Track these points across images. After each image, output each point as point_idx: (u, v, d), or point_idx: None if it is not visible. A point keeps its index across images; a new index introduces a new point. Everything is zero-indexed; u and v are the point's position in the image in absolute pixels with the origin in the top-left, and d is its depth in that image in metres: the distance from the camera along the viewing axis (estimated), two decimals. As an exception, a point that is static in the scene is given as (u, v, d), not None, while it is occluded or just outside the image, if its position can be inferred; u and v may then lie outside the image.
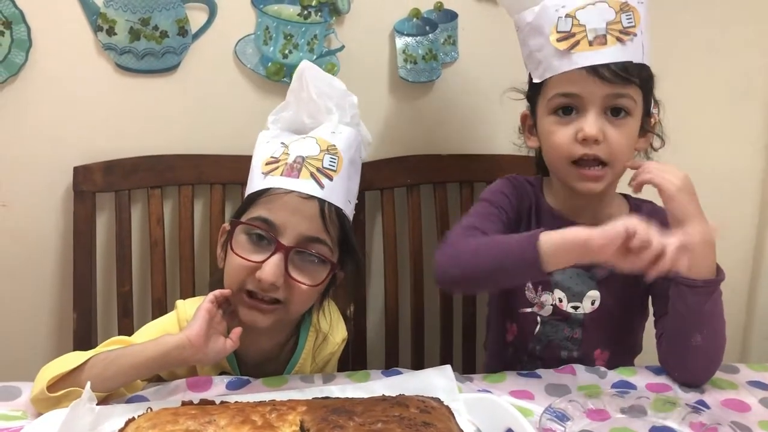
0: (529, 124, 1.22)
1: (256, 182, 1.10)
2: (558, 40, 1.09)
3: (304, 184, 1.05)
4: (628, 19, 1.08)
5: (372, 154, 1.52)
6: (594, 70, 1.07)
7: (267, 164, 1.09)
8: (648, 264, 0.92)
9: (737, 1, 1.59)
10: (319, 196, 1.06)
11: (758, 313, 1.74)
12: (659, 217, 1.08)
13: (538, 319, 1.22)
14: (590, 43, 1.08)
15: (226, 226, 1.12)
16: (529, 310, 1.22)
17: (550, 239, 0.99)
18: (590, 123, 1.08)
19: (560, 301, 1.20)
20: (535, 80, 1.14)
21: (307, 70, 1.14)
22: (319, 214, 1.05)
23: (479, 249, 1.08)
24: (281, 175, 1.07)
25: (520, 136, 1.26)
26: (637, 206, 1.21)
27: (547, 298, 1.21)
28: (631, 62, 1.08)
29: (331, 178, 1.07)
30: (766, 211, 1.70)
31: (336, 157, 1.09)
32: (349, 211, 1.12)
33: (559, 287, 1.20)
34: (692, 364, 1.07)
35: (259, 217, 1.05)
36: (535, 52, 1.13)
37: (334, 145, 1.10)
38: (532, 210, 1.23)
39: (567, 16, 1.09)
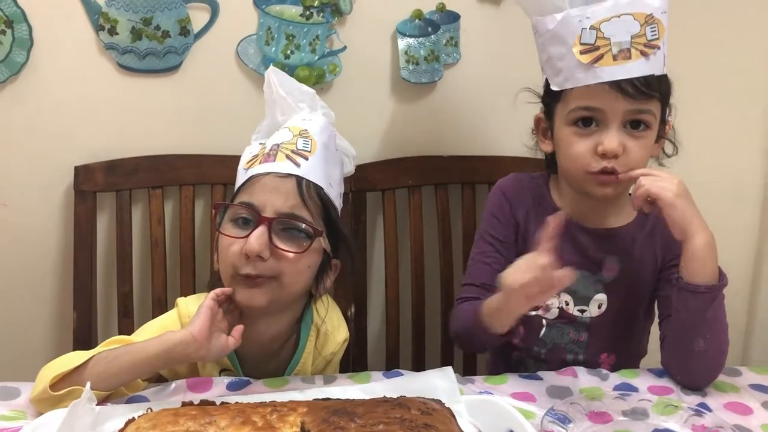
0: (543, 128, 1.21)
1: (239, 179, 1.14)
2: (582, 53, 1.06)
3: (281, 165, 1.08)
4: (652, 31, 1.06)
5: (373, 154, 1.53)
6: (617, 85, 1.06)
7: (248, 162, 1.13)
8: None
9: (740, 6, 1.59)
10: (296, 173, 1.07)
11: (759, 317, 1.74)
12: (663, 220, 1.07)
13: (544, 322, 1.22)
14: (614, 58, 1.05)
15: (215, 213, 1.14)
16: (534, 313, 1.22)
17: (488, 307, 1.07)
18: (611, 138, 1.07)
19: (567, 304, 1.20)
20: (554, 88, 1.12)
21: (272, 74, 1.17)
22: (296, 190, 1.06)
23: (458, 315, 1.20)
24: (260, 164, 1.10)
25: (532, 137, 1.25)
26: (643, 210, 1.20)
27: (554, 302, 1.20)
28: (653, 75, 1.07)
29: (306, 158, 1.09)
30: (767, 215, 1.70)
31: (309, 140, 1.11)
32: (333, 195, 1.12)
33: (566, 290, 1.19)
34: (695, 368, 1.07)
35: (240, 202, 1.07)
36: (556, 60, 1.11)
37: (306, 130, 1.13)
38: (534, 208, 1.23)
39: (591, 27, 1.06)
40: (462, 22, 1.53)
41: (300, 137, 1.11)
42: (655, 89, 1.08)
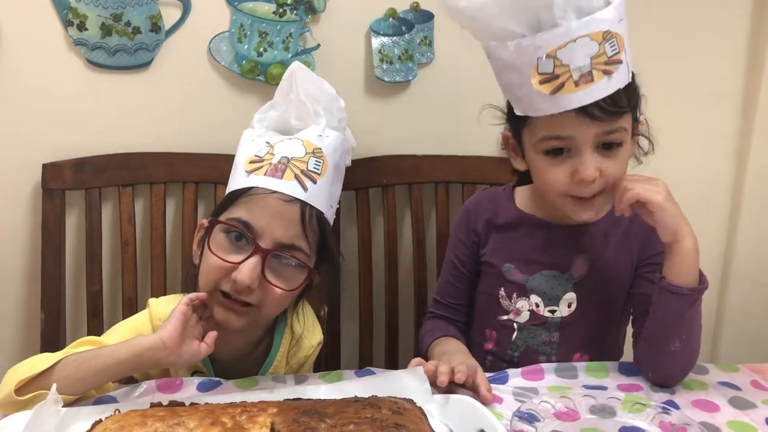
0: (513, 145, 1.18)
1: (238, 180, 1.08)
2: (540, 83, 1.00)
3: (288, 186, 1.04)
4: (612, 47, 1.00)
5: (347, 153, 1.52)
6: (584, 111, 1.01)
7: (251, 163, 1.08)
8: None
9: (709, 5, 1.61)
10: (302, 198, 1.05)
11: (727, 315, 1.76)
12: (639, 218, 1.08)
13: (515, 326, 1.21)
14: (576, 83, 0.99)
15: (204, 222, 1.11)
16: (505, 317, 1.22)
17: (432, 354, 1.18)
18: (586, 165, 1.04)
19: (537, 306, 1.20)
20: (517, 112, 1.08)
21: (297, 71, 1.12)
22: (299, 219, 1.04)
23: (421, 336, 1.28)
24: (265, 174, 1.05)
25: (496, 146, 1.23)
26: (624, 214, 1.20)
27: (524, 304, 1.20)
28: (619, 89, 1.03)
29: (315, 181, 1.06)
30: (736, 214, 1.72)
31: (321, 161, 1.08)
32: (330, 215, 1.11)
33: (535, 292, 1.19)
34: (668, 367, 1.07)
35: (239, 219, 1.03)
36: (515, 88, 1.05)
37: (320, 149, 1.09)
38: (494, 215, 1.24)
39: (548, 56, 0.99)
40: (436, 22, 1.53)
41: (313, 156, 1.08)
42: (623, 105, 1.04)
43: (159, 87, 1.44)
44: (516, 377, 1.10)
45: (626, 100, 1.05)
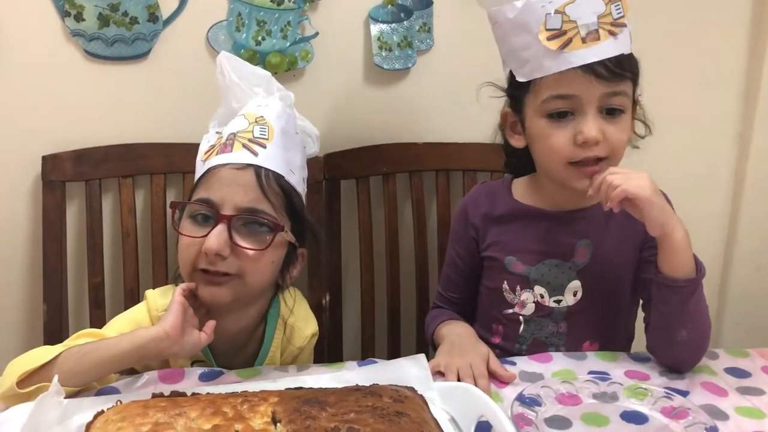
0: (512, 122, 1.17)
1: (198, 172, 1.11)
2: (549, 39, 1.03)
3: (238, 156, 1.05)
4: (617, 9, 1.04)
5: (347, 142, 1.52)
6: (590, 68, 1.03)
7: (205, 153, 1.10)
8: None
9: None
10: (254, 163, 1.05)
11: (730, 300, 1.76)
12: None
13: (521, 318, 1.20)
14: (583, 40, 1.02)
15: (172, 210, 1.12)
16: (510, 311, 1.21)
17: (439, 334, 1.19)
18: (590, 126, 1.04)
19: (541, 297, 1.18)
20: (520, 79, 1.09)
21: (224, 58, 1.14)
22: (256, 182, 1.04)
23: (427, 325, 1.28)
24: (216, 155, 1.07)
25: (500, 133, 1.22)
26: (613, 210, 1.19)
27: (528, 296, 1.19)
28: (623, 54, 1.05)
29: (264, 146, 1.06)
30: (738, 198, 1.72)
31: (266, 127, 1.08)
32: (294, 181, 1.10)
33: (539, 283, 1.18)
34: (680, 355, 1.07)
35: (198, 198, 1.05)
36: (520, 51, 1.07)
37: (262, 116, 1.10)
38: (491, 207, 1.23)
39: (556, 12, 1.03)
40: (435, 8, 1.52)
41: (256, 125, 1.08)
42: (627, 68, 1.06)
43: (157, 77, 1.44)
44: (522, 362, 1.09)
45: (629, 67, 1.07)
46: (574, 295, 1.18)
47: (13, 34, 1.36)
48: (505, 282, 1.21)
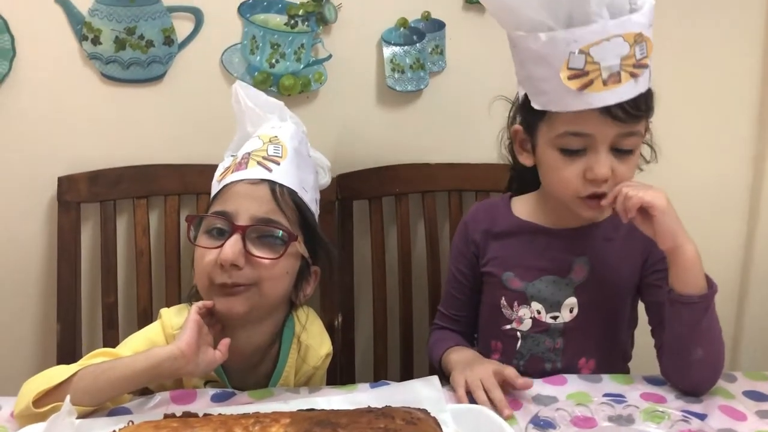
0: (522, 139, 1.18)
1: (213, 191, 1.14)
2: (570, 78, 1.01)
3: (252, 172, 1.07)
4: (641, 51, 1.03)
5: (360, 163, 1.52)
6: (607, 110, 1.03)
7: (221, 174, 1.13)
8: None
9: (726, 13, 1.60)
10: (269, 178, 1.07)
11: (747, 323, 1.74)
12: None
13: (518, 334, 1.20)
14: (604, 83, 1.01)
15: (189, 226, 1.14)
16: (508, 327, 1.21)
17: (444, 363, 1.18)
18: (601, 164, 1.05)
19: (538, 313, 1.19)
20: (536, 107, 1.09)
21: (239, 87, 1.18)
22: (270, 195, 1.06)
23: (430, 348, 1.28)
24: (231, 173, 1.09)
25: (507, 150, 1.23)
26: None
27: (525, 312, 1.19)
28: (641, 94, 1.04)
29: (278, 163, 1.09)
30: (755, 221, 1.70)
31: (279, 146, 1.11)
32: (308, 199, 1.11)
33: (536, 299, 1.18)
34: (696, 376, 1.06)
35: (213, 212, 1.07)
36: (539, 81, 1.06)
37: (276, 136, 1.13)
38: (491, 225, 1.23)
39: (580, 52, 1.00)
40: (447, 30, 1.53)
41: (270, 144, 1.11)
42: (643, 109, 1.06)
43: (172, 99, 1.45)
44: (536, 384, 1.08)
45: (645, 106, 1.07)
46: (571, 311, 1.18)
47: (31, 57, 1.38)
48: (503, 298, 1.21)
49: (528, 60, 1.08)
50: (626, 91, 1.02)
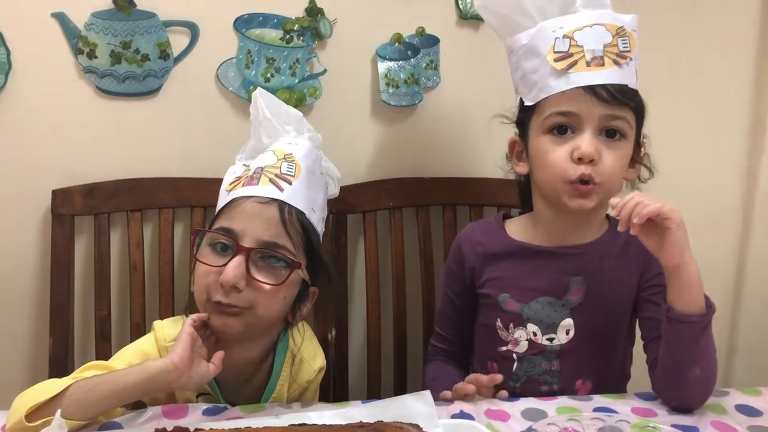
0: (518, 150, 1.20)
1: (221, 201, 1.13)
2: (555, 60, 1.09)
3: (263, 189, 1.07)
4: (624, 43, 1.09)
5: (354, 177, 1.53)
6: (591, 90, 1.07)
7: (230, 183, 1.12)
8: None
9: (718, 27, 1.62)
10: (279, 198, 1.06)
11: (740, 339, 1.74)
12: (636, 239, 1.06)
13: (514, 356, 1.20)
14: (588, 64, 1.08)
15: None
16: (504, 348, 1.21)
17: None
18: (586, 142, 1.08)
19: (534, 335, 1.18)
20: (528, 103, 1.13)
21: (260, 95, 1.18)
22: (278, 218, 1.05)
23: (425, 375, 1.32)
24: (242, 186, 1.09)
25: (507, 162, 1.25)
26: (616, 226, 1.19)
27: (521, 334, 1.19)
28: (627, 86, 1.09)
29: (290, 183, 1.08)
30: (747, 235, 1.71)
31: (293, 164, 1.11)
32: (315, 220, 1.12)
33: (532, 321, 1.18)
34: (690, 394, 1.06)
35: (220, 227, 1.06)
36: (530, 74, 1.13)
37: (291, 154, 1.13)
38: (486, 244, 1.24)
39: (564, 36, 1.09)
40: (442, 46, 1.54)
41: (284, 161, 1.11)
42: (629, 98, 1.09)
43: (168, 113, 1.46)
44: (525, 399, 1.09)
45: (632, 99, 1.10)
46: (567, 333, 1.18)
47: (27, 70, 1.38)
48: (499, 320, 1.21)
49: (521, 58, 1.14)
50: (610, 74, 1.08)
